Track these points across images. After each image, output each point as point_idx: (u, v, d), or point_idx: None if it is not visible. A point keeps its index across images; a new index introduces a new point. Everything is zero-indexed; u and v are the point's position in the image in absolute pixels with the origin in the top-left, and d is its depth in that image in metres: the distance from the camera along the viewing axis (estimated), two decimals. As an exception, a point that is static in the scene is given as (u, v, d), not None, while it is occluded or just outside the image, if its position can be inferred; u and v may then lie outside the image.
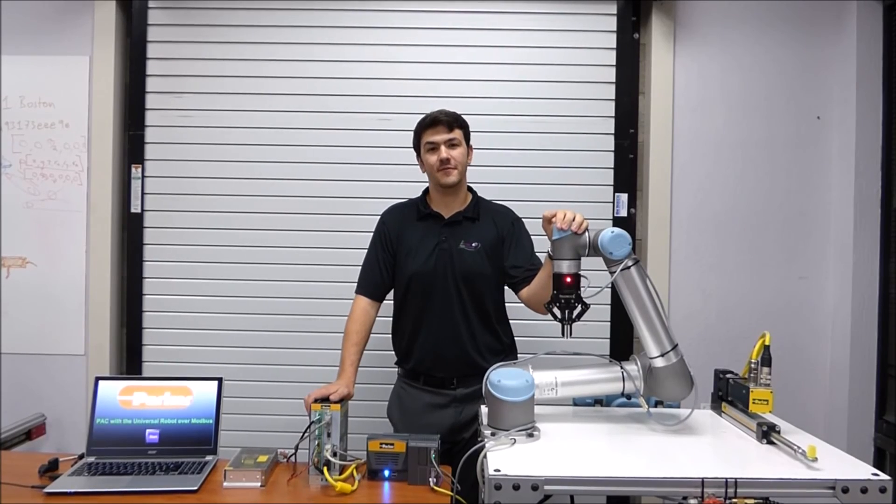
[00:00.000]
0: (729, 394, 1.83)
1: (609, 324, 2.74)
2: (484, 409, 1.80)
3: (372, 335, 2.15)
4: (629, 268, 1.68)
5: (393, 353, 2.24)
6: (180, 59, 2.76)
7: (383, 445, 1.75)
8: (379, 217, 2.24)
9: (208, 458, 1.85)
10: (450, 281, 2.08)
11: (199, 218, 2.76)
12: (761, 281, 2.72)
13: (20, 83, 2.74)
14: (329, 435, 1.73)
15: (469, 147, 2.15)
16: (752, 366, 1.68)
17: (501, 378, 1.68)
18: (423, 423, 2.04)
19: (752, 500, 1.36)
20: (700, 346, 2.67)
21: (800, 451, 1.45)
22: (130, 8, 2.76)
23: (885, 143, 2.61)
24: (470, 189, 2.21)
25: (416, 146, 2.15)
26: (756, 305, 2.71)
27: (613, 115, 2.74)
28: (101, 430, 1.88)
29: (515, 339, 2.23)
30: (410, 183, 2.45)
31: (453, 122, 2.08)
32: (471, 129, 2.15)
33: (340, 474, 1.70)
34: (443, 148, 2.05)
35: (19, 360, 2.73)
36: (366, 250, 2.23)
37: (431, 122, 2.07)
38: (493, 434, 1.62)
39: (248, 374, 2.73)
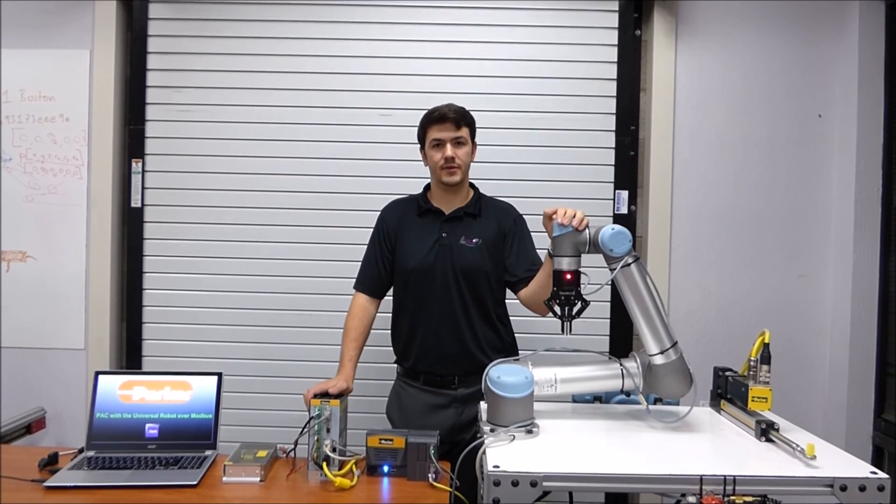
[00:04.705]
0: (728, 391, 1.83)
1: (609, 321, 2.73)
2: (483, 406, 1.80)
3: (371, 331, 2.16)
4: (629, 265, 1.68)
5: (391, 349, 2.24)
6: (181, 53, 2.75)
7: (382, 441, 1.75)
8: (379, 213, 2.24)
9: (208, 452, 1.85)
10: (450, 277, 2.08)
11: (199, 213, 2.76)
12: (761, 279, 2.72)
13: (20, 77, 2.73)
14: (328, 430, 1.74)
15: (473, 144, 2.14)
16: (752, 363, 1.68)
17: (501, 374, 1.68)
18: (424, 424, 2.01)
19: (751, 498, 1.36)
20: (699, 344, 2.67)
21: (798, 448, 1.46)
22: (131, 2, 2.75)
23: (886, 141, 2.61)
24: (472, 185, 2.21)
25: (421, 139, 2.13)
26: (756, 303, 2.71)
27: (614, 111, 2.73)
28: (100, 425, 1.88)
29: (515, 335, 2.23)
30: (412, 179, 2.45)
31: (461, 119, 2.06)
32: (472, 126, 2.15)
33: (339, 469, 1.71)
34: (448, 146, 2.04)
35: (19, 354, 2.73)
36: (366, 246, 2.22)
37: (439, 118, 2.05)
38: (492, 430, 1.62)
39: (247, 369, 2.73)
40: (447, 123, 2.05)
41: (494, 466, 1.39)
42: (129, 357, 2.77)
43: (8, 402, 2.64)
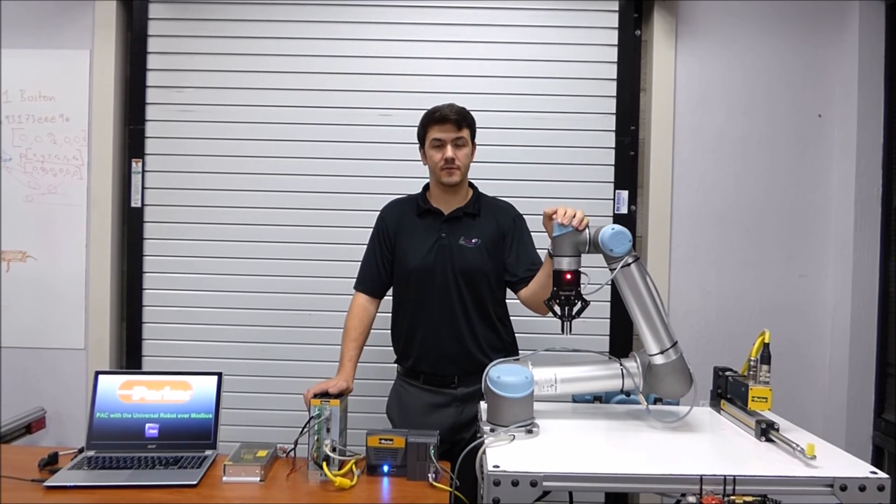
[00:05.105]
0: (728, 391, 1.83)
1: (609, 321, 2.73)
2: (483, 405, 1.80)
3: (371, 331, 2.16)
4: (629, 265, 1.68)
5: (392, 348, 2.24)
6: (181, 53, 2.75)
7: (382, 441, 1.75)
8: (379, 213, 2.24)
9: (208, 452, 1.85)
10: (449, 277, 2.07)
11: (199, 213, 2.76)
12: (761, 278, 2.72)
13: (21, 77, 2.73)
14: (328, 430, 1.74)
15: (473, 144, 2.14)
16: (752, 363, 1.68)
17: (501, 374, 1.68)
18: (424, 423, 2.02)
19: (751, 498, 1.36)
20: (700, 344, 2.67)
21: (798, 448, 1.46)
22: (131, 2, 2.75)
23: (886, 141, 2.61)
24: (471, 184, 2.20)
25: (421, 139, 2.12)
26: (756, 303, 2.71)
27: (614, 111, 2.73)
28: (100, 424, 1.88)
29: (515, 335, 2.23)
30: (412, 179, 2.45)
31: (462, 120, 2.05)
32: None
33: (339, 469, 1.71)
34: (449, 147, 2.03)
35: (19, 354, 2.73)
36: (366, 246, 2.23)
37: (440, 119, 2.04)
38: (492, 430, 1.62)
39: (247, 369, 2.73)
40: (448, 124, 2.04)
41: (494, 466, 1.39)
42: (129, 357, 2.77)
43: (8, 402, 2.64)
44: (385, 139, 2.72)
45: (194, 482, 1.67)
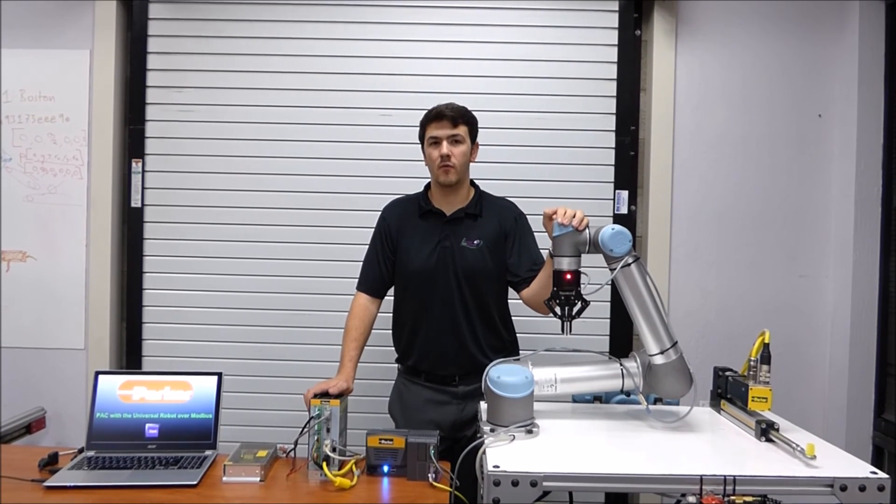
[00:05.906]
0: (728, 391, 1.83)
1: (609, 321, 2.73)
2: (483, 405, 1.80)
3: (372, 331, 2.16)
4: (629, 265, 1.68)
5: (393, 348, 2.24)
6: (181, 53, 2.75)
7: (382, 441, 1.75)
8: (380, 213, 2.24)
9: (208, 452, 1.85)
10: (451, 278, 2.07)
11: (199, 213, 2.76)
12: (761, 279, 2.72)
13: (21, 77, 2.73)
14: (328, 430, 1.73)
15: (475, 144, 2.14)
16: (752, 363, 1.68)
17: (501, 374, 1.68)
18: (425, 420, 2.04)
19: (751, 498, 1.36)
20: (700, 344, 2.67)
21: (798, 448, 1.46)
22: (131, 2, 2.75)
23: (886, 141, 2.61)
24: (473, 183, 2.20)
25: (421, 138, 2.13)
26: (756, 303, 2.71)
27: (614, 111, 2.73)
28: (100, 425, 1.88)
29: (517, 335, 2.23)
30: (412, 179, 2.45)
31: (459, 117, 2.05)
32: (472, 126, 2.14)
33: (339, 469, 1.71)
34: (444, 144, 2.03)
35: (19, 354, 2.74)
36: (367, 246, 2.22)
37: (436, 116, 2.05)
38: (492, 430, 1.62)
39: (247, 369, 2.73)
40: (444, 121, 2.04)
41: (494, 466, 1.39)
42: (129, 357, 2.77)
43: (8, 402, 2.64)
44: (385, 139, 2.72)
45: (194, 482, 1.67)
